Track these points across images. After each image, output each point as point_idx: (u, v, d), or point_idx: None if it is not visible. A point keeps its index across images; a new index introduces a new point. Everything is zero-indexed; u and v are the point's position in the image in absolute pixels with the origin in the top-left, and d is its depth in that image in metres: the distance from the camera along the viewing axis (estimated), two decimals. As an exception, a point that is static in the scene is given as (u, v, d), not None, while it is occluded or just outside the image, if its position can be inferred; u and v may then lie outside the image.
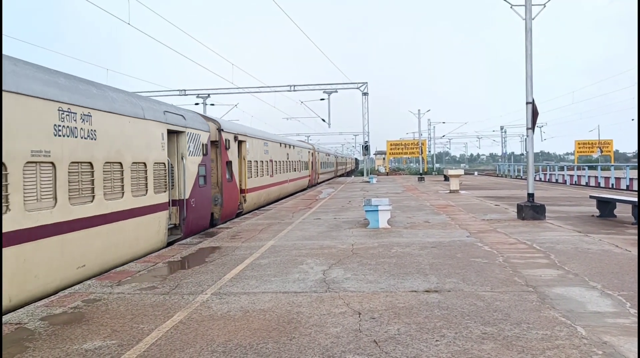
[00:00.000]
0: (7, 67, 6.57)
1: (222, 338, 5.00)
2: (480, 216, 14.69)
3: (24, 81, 6.80)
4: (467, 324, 5.28)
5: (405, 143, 68.31)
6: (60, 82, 7.82)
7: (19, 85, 6.64)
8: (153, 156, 10.53)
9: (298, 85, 39.06)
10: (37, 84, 7.08)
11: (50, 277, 7.09)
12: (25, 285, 6.59)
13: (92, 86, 8.87)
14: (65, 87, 7.86)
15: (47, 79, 7.48)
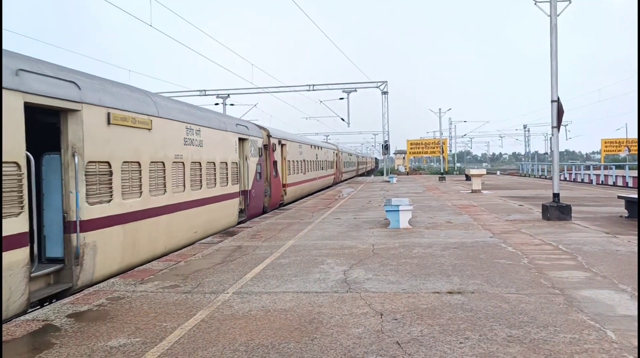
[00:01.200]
0: (162, 102, 10.54)
1: (243, 337, 5.00)
2: (503, 217, 14.45)
3: (168, 111, 10.59)
4: (491, 326, 5.18)
5: (426, 142, 67.76)
6: (184, 109, 11.76)
7: (169, 114, 10.55)
8: (231, 157, 14.13)
9: (317, 84, 39.06)
10: (176, 112, 10.99)
11: (181, 236, 10.80)
12: (170, 240, 10.31)
13: (198, 110, 13.04)
14: (189, 113, 11.74)
15: (179, 108, 11.45)
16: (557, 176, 14.35)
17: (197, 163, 11.69)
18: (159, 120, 9.94)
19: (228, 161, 13.83)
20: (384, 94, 40.63)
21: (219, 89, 39.63)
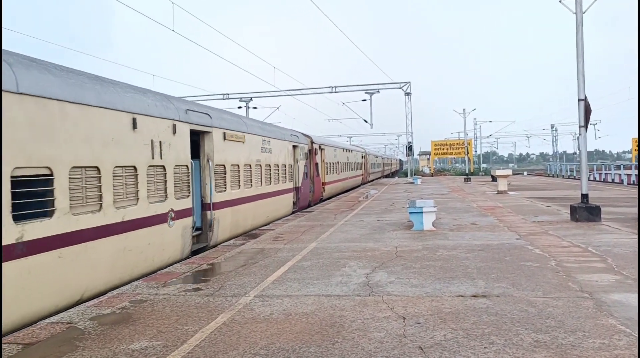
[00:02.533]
0: (249, 122, 14.96)
1: (264, 341, 4.99)
2: (530, 218, 14.13)
3: (253, 128, 14.66)
4: (517, 331, 5.04)
5: (450, 142, 66.89)
6: (260, 125, 15.99)
7: (253, 130, 14.58)
8: (288, 161, 18.22)
9: (339, 86, 39.03)
10: (256, 129, 15.14)
11: (260, 218, 14.58)
12: (254, 221, 14.00)
13: (267, 125, 17.19)
14: (263, 128, 15.93)
15: (258, 125, 15.72)
16: (586, 176, 13.96)
17: (268, 165, 15.88)
18: (248, 135, 14.12)
19: (286, 164, 18.04)
20: (407, 94, 40.32)
21: (242, 93, 39.98)
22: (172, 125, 9.63)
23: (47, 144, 6.43)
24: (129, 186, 8.16)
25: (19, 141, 5.98)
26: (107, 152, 7.61)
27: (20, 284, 5.87)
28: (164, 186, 9.26)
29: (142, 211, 8.44)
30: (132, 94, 8.69)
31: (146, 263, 8.57)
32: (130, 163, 8.21)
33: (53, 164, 6.50)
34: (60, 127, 6.70)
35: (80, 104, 7.12)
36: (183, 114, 10.19)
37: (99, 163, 7.43)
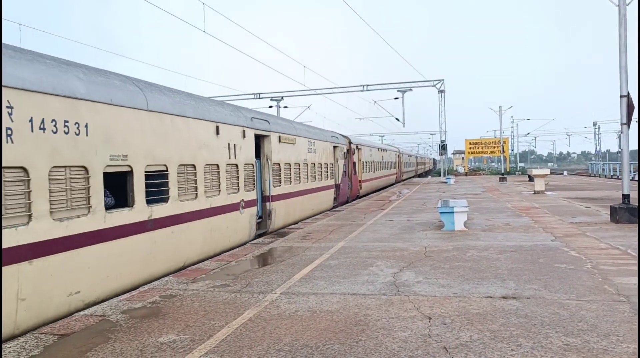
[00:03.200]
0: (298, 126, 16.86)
1: (288, 337, 5.02)
2: (567, 219, 13.70)
3: (301, 132, 16.61)
4: (547, 334, 4.91)
5: (486, 141, 65.52)
6: (306, 128, 18.03)
7: (301, 133, 16.54)
8: (329, 160, 20.20)
9: (371, 85, 38.76)
10: (304, 132, 17.06)
11: (306, 211, 16.55)
12: (301, 213, 16.01)
13: (311, 128, 19.30)
14: (308, 131, 17.84)
15: (304, 128, 17.70)
16: (627, 176, 13.43)
17: (313, 164, 17.86)
18: (297, 138, 16.11)
19: (328, 163, 20.06)
20: (440, 92, 39.72)
21: (273, 92, 40.28)
22: (242, 131, 11.75)
23: (164, 147, 8.42)
24: (213, 180, 10.20)
25: (149, 145, 8.02)
26: (200, 153, 9.62)
27: (149, 250, 7.90)
28: (237, 181, 11.33)
29: (222, 200, 10.52)
30: (215, 107, 10.80)
31: (224, 242, 10.61)
32: (215, 162, 10.29)
33: (168, 162, 8.51)
34: (172, 135, 8.66)
35: (183, 117, 9.14)
36: (249, 121, 12.32)
37: (195, 162, 9.43)
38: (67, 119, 6.34)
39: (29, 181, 5.72)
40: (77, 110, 6.53)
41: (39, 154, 5.87)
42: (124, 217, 7.35)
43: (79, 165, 6.53)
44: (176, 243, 8.66)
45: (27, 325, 5.56)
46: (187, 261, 9.04)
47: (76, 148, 6.47)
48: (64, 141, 6.27)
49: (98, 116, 6.91)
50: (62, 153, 6.22)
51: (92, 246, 6.62)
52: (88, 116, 6.71)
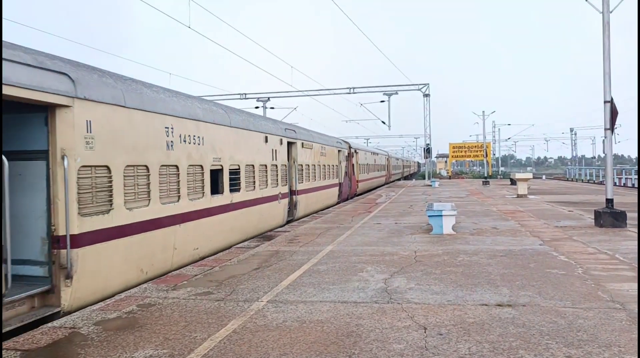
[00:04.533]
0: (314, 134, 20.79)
1: (276, 351, 4.70)
2: (552, 223, 13.64)
3: (316, 139, 20.35)
4: (547, 345, 4.69)
5: (469, 145, 65.94)
6: (320, 135, 21.73)
7: (317, 140, 20.30)
8: (335, 162, 23.69)
9: (357, 87, 38.59)
10: (318, 139, 20.65)
11: (320, 204, 20.01)
12: (315, 205, 19.37)
13: (324, 136, 22.98)
14: (321, 138, 21.27)
15: (319, 136, 21.29)
16: (611, 181, 13.44)
17: (324, 165, 21.20)
18: (314, 144, 19.65)
19: (334, 165, 23.47)
20: (425, 96, 39.74)
21: (260, 93, 39.80)
22: (280, 139, 15.25)
23: (238, 152, 11.75)
24: (263, 177, 13.48)
25: (231, 151, 11.31)
26: (256, 156, 13.02)
27: (231, 224, 11.16)
28: (276, 178, 14.65)
29: (268, 192, 13.86)
30: (264, 122, 14.66)
31: (269, 223, 13.88)
32: (264, 163, 13.62)
33: (240, 163, 11.84)
34: (242, 143, 12.08)
35: (248, 130, 12.57)
36: (283, 131, 15.94)
37: (254, 162, 12.82)
38: (194, 135, 9.60)
39: (179, 174, 8.95)
40: (198, 128, 9.79)
41: (183, 157, 9.10)
42: (219, 200, 10.64)
43: (199, 164, 9.73)
44: (244, 220, 12.05)
45: (177, 265, 8.81)
46: (248, 235, 12.33)
47: (198, 153, 9.71)
48: (193, 148, 9.52)
49: (207, 131, 10.16)
50: (192, 156, 9.47)
51: (205, 218, 9.86)
52: (204, 132, 10.00)
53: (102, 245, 6.84)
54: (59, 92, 6.19)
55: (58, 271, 6.18)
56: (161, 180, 8.39)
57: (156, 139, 8.26)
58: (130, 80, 8.22)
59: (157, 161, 8.26)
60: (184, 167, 9.08)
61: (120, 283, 7.26)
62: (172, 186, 8.73)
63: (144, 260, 7.83)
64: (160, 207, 8.31)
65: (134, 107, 7.71)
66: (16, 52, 5.77)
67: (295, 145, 16.93)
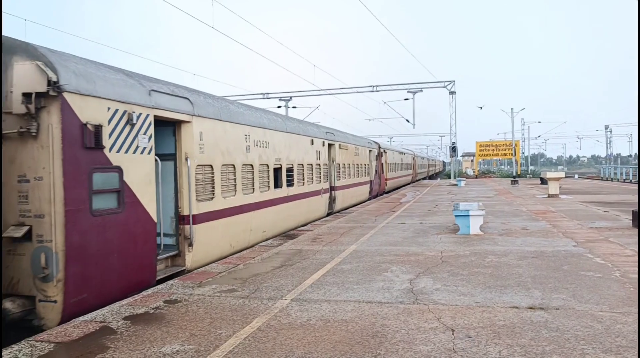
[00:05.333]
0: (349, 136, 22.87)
1: (300, 349, 4.64)
2: (587, 224, 13.20)
3: (351, 141, 22.30)
4: (583, 350, 4.49)
5: (496, 144, 64.73)
6: (355, 137, 24.16)
7: (351, 142, 22.36)
8: (366, 161, 25.05)
9: (381, 85, 38.30)
10: (352, 140, 22.60)
11: (354, 199, 22.05)
12: (349, 201, 20.92)
13: (357, 137, 24.93)
14: (355, 139, 23.54)
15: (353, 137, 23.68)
16: (650, 180, 12.90)
17: (358, 164, 23.07)
18: (349, 145, 21.46)
19: (366, 164, 25.06)
20: (451, 94, 39.17)
21: (282, 92, 39.89)
22: (322, 141, 17.42)
23: (292, 153, 14.03)
24: (310, 174, 15.67)
25: (287, 152, 13.62)
26: (305, 156, 15.32)
27: (287, 212, 13.45)
28: (319, 175, 16.79)
29: (314, 187, 16.15)
30: (309, 127, 16.76)
31: (314, 214, 16.17)
32: (310, 162, 15.85)
33: (293, 162, 14.12)
34: (294, 146, 14.34)
35: (298, 134, 14.87)
36: (324, 134, 18.08)
37: (303, 162, 15.08)
38: (262, 140, 11.90)
39: (253, 171, 11.29)
40: (265, 134, 12.11)
41: (256, 158, 11.42)
42: (279, 193, 12.90)
43: (266, 163, 12.03)
44: (296, 210, 14.28)
45: (252, 243, 11.02)
46: (299, 222, 14.49)
47: (265, 154, 12.00)
48: (262, 151, 11.81)
49: (271, 137, 12.48)
50: (262, 157, 11.78)
51: (269, 207, 12.15)
52: (269, 137, 12.33)
53: (208, 223, 9.16)
54: (185, 112, 8.49)
55: (183, 241, 8.54)
56: (243, 176, 10.74)
57: (239, 144, 10.66)
58: (221, 99, 10.78)
59: (240, 161, 10.64)
60: (257, 166, 11.51)
61: (218, 253, 9.53)
62: (249, 181, 11.11)
63: (233, 237, 10.18)
64: (242, 197, 10.68)
65: (226, 120, 10.07)
66: (159, 84, 8.14)
67: (334, 146, 19.05)
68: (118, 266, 6.70)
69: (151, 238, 7.44)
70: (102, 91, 6.63)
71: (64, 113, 5.99)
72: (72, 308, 5.93)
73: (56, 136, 5.91)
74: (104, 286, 6.47)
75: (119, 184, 6.82)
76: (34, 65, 5.91)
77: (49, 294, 5.84)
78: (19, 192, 5.99)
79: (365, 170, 24.90)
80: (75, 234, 6.02)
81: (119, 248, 6.73)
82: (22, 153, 5.97)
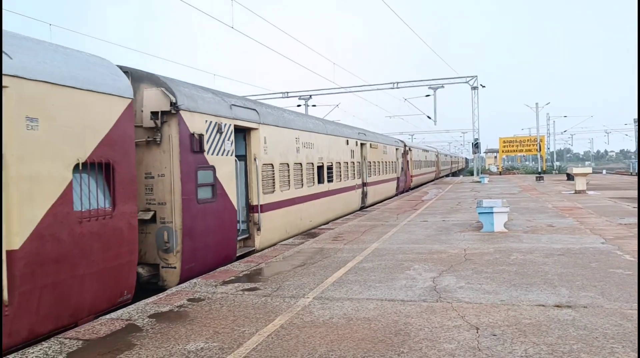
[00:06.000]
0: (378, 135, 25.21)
1: (323, 347, 4.64)
2: (615, 220, 12.87)
3: (379, 139, 24.14)
4: (612, 349, 4.38)
5: (520, 139, 63.56)
6: (382, 136, 26.15)
7: (380, 141, 24.10)
8: (392, 159, 26.58)
9: (401, 82, 37.98)
10: (380, 139, 24.49)
11: (384, 194, 24.07)
12: (380, 196, 23.18)
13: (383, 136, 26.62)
14: (383, 138, 25.50)
15: (380, 135, 25.83)
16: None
17: (385, 162, 24.73)
18: (379, 144, 23.28)
19: (393, 161, 26.68)
20: (473, 89, 38.64)
21: (301, 91, 39.90)
22: (355, 141, 19.17)
23: (331, 153, 15.82)
24: (345, 171, 17.41)
25: (327, 152, 15.35)
26: (341, 155, 17.09)
27: (328, 205, 15.30)
28: (354, 173, 18.60)
29: (349, 183, 17.97)
30: (344, 128, 18.58)
31: (349, 207, 17.94)
32: (346, 161, 17.57)
33: (332, 161, 15.85)
34: (332, 146, 16.07)
35: (336, 135, 16.64)
36: (357, 135, 19.80)
37: (340, 160, 16.79)
38: (308, 141, 13.82)
39: (302, 169, 13.09)
40: (310, 137, 14.02)
41: (304, 157, 13.33)
42: (321, 188, 14.76)
43: (311, 162, 13.90)
44: (335, 203, 16.08)
45: (302, 231, 12.81)
46: (337, 214, 16.25)
47: (311, 154, 13.93)
48: (308, 151, 13.70)
49: (315, 139, 14.49)
50: (308, 156, 13.67)
51: (314, 200, 13.96)
52: (313, 139, 14.27)
53: (271, 212, 11.07)
54: (253, 121, 10.44)
55: (253, 226, 10.50)
56: (294, 173, 12.62)
57: (291, 146, 12.57)
58: (277, 108, 12.86)
59: (292, 160, 12.54)
60: (304, 164, 13.37)
61: (277, 237, 11.44)
62: (299, 177, 12.96)
63: (287, 224, 12.06)
64: (294, 191, 12.56)
65: (282, 126, 12.03)
66: (235, 99, 10.17)
67: (365, 146, 20.76)
68: (213, 243, 8.63)
69: (234, 222, 9.42)
70: (202, 108, 8.50)
71: (180, 126, 7.87)
72: (186, 273, 7.79)
73: (175, 143, 7.78)
74: (205, 257, 8.37)
75: (213, 180, 8.73)
76: (159, 91, 7.76)
77: (169, 262, 7.76)
78: (146, 186, 7.79)
79: (393, 167, 26.56)
80: (188, 217, 7.89)
81: (214, 229, 8.65)
82: (148, 157, 7.78)
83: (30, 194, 5.15)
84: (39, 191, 5.27)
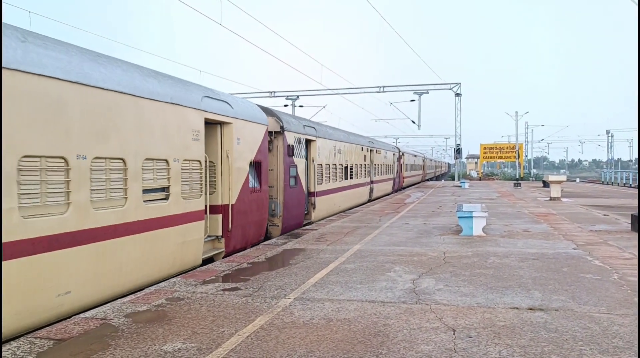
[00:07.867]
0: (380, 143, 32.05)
1: (303, 348, 4.70)
2: (587, 227, 13.24)
3: (382, 147, 30.72)
4: (581, 351, 4.54)
5: (500, 146, 64.67)
6: (385, 144, 33.78)
7: (382, 148, 30.16)
8: (389, 162, 31.80)
9: (387, 86, 38.26)
10: (382, 146, 30.89)
11: (380, 193, 28.48)
12: (380, 193, 28.26)
13: (382, 143, 32.43)
14: (383, 145, 32.11)
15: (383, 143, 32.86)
16: (652, 183, 12.98)
17: (385, 165, 29.36)
18: (382, 150, 28.77)
19: (390, 164, 31.40)
20: (457, 96, 39.14)
21: (289, 91, 39.86)
22: (367, 148, 24.24)
23: (351, 157, 20.84)
24: (360, 172, 22.23)
25: (350, 156, 20.74)
26: (357, 159, 22.10)
27: (350, 196, 20.78)
28: (365, 172, 23.47)
29: (363, 180, 22.99)
30: (360, 138, 23.89)
31: (361, 199, 22.65)
32: (361, 163, 22.68)
33: (353, 163, 21.23)
34: (353, 152, 21.33)
35: (354, 144, 21.73)
36: (367, 143, 24.76)
37: (356, 163, 21.85)
38: (339, 148, 18.71)
39: (336, 169, 18.21)
40: (341, 145, 19.04)
41: (337, 160, 18.46)
42: (346, 183, 19.56)
43: (340, 163, 18.76)
44: (353, 195, 20.82)
45: (336, 211, 18.17)
46: (354, 204, 20.86)
47: (340, 158, 18.74)
48: (339, 156, 18.74)
49: (342, 146, 19.14)
50: (339, 159, 18.68)
51: (341, 191, 18.85)
52: (341, 146, 19.02)
53: (320, 197, 16.06)
54: (313, 135, 15.71)
55: (310, 205, 15.39)
56: (332, 171, 17.55)
57: (331, 152, 17.63)
58: (321, 124, 18.52)
59: (332, 162, 17.60)
60: (338, 165, 18.31)
61: (323, 214, 16.40)
62: (334, 175, 17.75)
63: (328, 206, 17.05)
64: (332, 183, 17.60)
65: (327, 138, 17.32)
66: (305, 120, 16.10)
67: (373, 151, 25.67)
68: (295, 214, 13.71)
69: (304, 201, 14.75)
70: (291, 129, 13.54)
71: (284, 140, 12.91)
72: (283, 230, 12.75)
73: (280, 151, 12.83)
74: (292, 221, 13.41)
75: (296, 173, 13.66)
76: (273, 119, 12.69)
77: (275, 223, 12.74)
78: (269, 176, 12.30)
79: (390, 169, 31.90)
80: (286, 195, 12.91)
81: (296, 205, 13.79)
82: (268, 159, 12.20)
83: (237, 177, 9.97)
84: (239, 176, 10.08)
